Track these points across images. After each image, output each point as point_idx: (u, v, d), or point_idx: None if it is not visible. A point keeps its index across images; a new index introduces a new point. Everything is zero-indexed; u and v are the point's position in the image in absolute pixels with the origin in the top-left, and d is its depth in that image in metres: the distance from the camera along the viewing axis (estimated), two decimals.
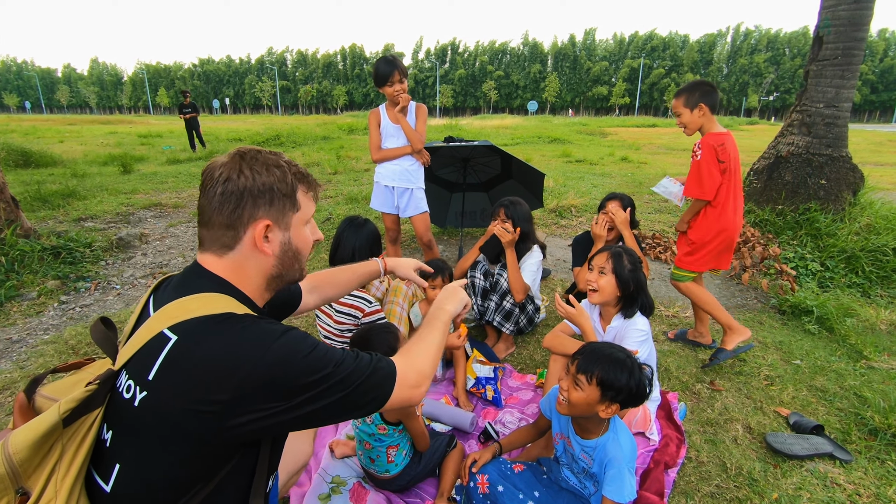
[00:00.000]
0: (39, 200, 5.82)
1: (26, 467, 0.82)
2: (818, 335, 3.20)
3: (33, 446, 0.82)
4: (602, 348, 1.58)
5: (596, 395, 1.51)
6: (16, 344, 2.97)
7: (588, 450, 1.62)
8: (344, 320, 2.31)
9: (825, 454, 2.09)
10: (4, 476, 0.81)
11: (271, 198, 0.99)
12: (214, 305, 0.91)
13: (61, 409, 0.83)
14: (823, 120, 4.92)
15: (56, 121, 30.50)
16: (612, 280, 2.10)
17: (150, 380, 0.84)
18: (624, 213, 2.76)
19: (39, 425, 0.82)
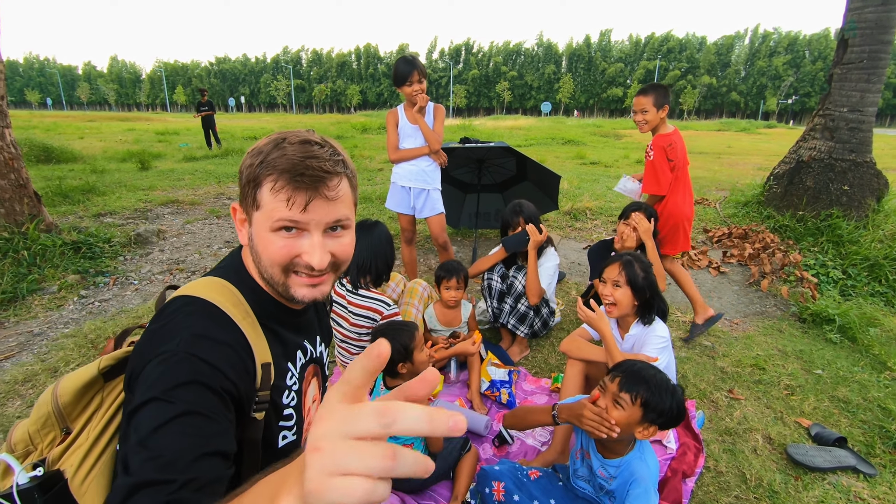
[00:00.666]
0: (60, 196, 5.91)
1: (69, 410, 0.90)
2: (840, 345, 3.13)
3: (76, 393, 0.90)
4: (644, 369, 1.52)
5: (637, 415, 1.47)
6: (37, 337, 3.02)
7: (609, 468, 1.59)
8: (361, 322, 2.31)
9: (848, 467, 2.04)
10: (51, 413, 0.90)
11: (241, 182, 0.91)
12: (203, 289, 0.91)
13: (101, 364, 0.92)
14: (847, 124, 4.82)
15: (76, 117, 31.06)
16: (628, 291, 2.06)
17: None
18: (647, 224, 2.72)
19: (82, 375, 0.91)
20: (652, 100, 3.01)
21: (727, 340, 3.13)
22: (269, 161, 0.85)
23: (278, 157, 0.85)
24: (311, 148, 0.86)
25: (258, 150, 0.88)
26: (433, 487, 1.91)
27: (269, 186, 0.85)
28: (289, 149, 0.85)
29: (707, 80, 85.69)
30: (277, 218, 0.85)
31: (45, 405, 0.91)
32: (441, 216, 3.41)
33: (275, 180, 0.84)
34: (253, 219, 0.90)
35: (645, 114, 3.05)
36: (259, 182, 0.86)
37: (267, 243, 0.88)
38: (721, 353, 2.97)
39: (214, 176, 8.34)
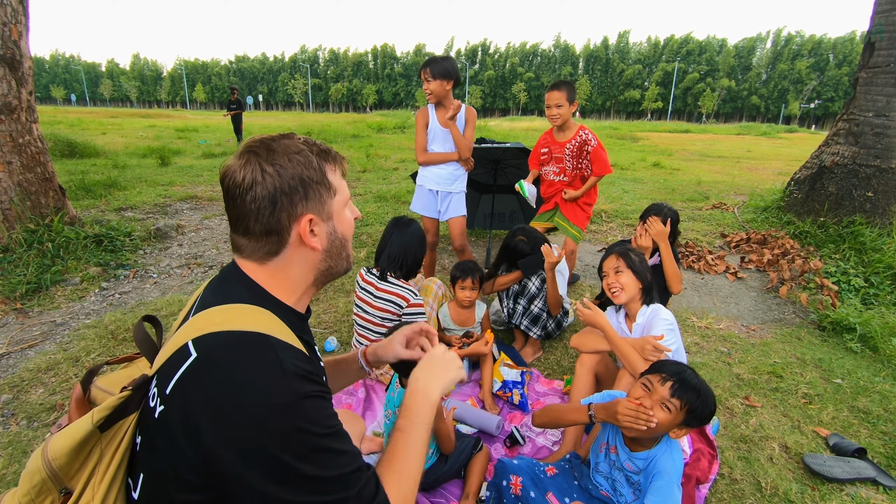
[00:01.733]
0: (83, 189, 6.05)
1: (66, 471, 0.84)
2: (861, 354, 3.06)
3: (71, 452, 0.83)
4: (692, 377, 1.53)
5: (680, 419, 1.49)
6: (59, 327, 3.10)
7: (637, 461, 1.59)
8: (386, 307, 2.40)
9: (867, 479, 2.00)
10: (46, 479, 0.83)
11: (305, 189, 0.90)
12: (243, 320, 0.84)
13: (94, 417, 0.84)
14: (872, 129, 4.71)
15: (99, 113, 31.73)
16: (631, 274, 2.18)
17: (167, 394, 0.80)
18: (661, 226, 2.70)
19: (76, 433, 0.83)
20: (566, 94, 3.20)
21: (744, 347, 3.09)
22: (317, 157, 0.94)
23: (319, 151, 0.96)
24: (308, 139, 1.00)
25: (290, 153, 0.90)
26: (444, 486, 1.92)
27: (330, 169, 0.96)
28: (313, 143, 0.96)
29: (726, 83, 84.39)
30: (347, 193, 1.01)
31: (37, 472, 0.83)
32: (462, 219, 3.40)
33: (332, 162, 0.97)
34: (332, 208, 0.96)
35: (560, 108, 3.21)
36: (324, 172, 0.94)
37: (348, 220, 1.02)
38: (737, 359, 2.93)
39: None
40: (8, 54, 3.61)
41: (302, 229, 0.91)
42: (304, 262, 0.96)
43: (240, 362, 0.78)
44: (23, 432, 2.14)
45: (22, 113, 3.76)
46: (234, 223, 0.91)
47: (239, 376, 0.77)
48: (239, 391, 0.76)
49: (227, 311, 0.86)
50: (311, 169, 0.91)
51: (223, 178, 0.90)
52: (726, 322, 3.45)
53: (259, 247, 0.91)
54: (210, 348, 0.80)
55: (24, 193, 3.80)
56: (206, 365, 0.79)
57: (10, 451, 2.02)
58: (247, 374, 0.77)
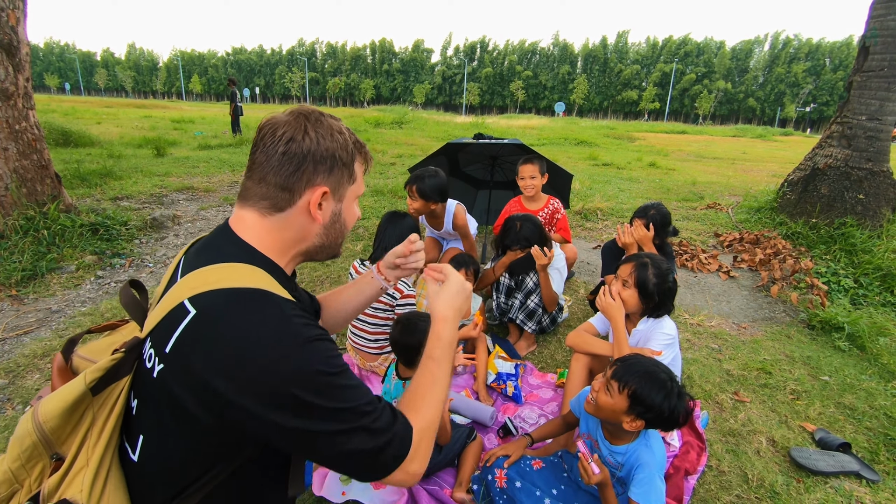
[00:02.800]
0: (78, 178, 6.02)
1: (58, 435, 0.82)
2: (848, 352, 3.12)
3: (62, 415, 0.81)
4: (645, 363, 1.54)
5: (623, 405, 1.49)
6: (55, 314, 3.10)
7: (616, 455, 1.62)
8: (381, 298, 2.40)
9: (851, 472, 2.05)
10: (37, 443, 0.81)
11: (332, 165, 0.96)
12: (240, 277, 0.85)
13: (87, 378, 0.82)
14: (865, 133, 4.77)
15: (94, 103, 31.45)
16: (635, 293, 2.09)
17: (166, 352, 0.79)
18: (643, 231, 2.73)
19: (68, 394, 0.81)
20: (538, 168, 3.45)
21: (734, 344, 3.14)
22: (356, 144, 1.02)
23: (356, 141, 1.03)
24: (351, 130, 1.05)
25: (334, 131, 0.97)
26: (438, 474, 1.95)
27: (359, 161, 1.04)
28: (353, 133, 1.03)
29: (722, 86, 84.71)
30: (362, 189, 1.08)
31: (27, 437, 0.81)
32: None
33: (362, 158, 1.05)
34: (346, 192, 1.02)
35: (533, 179, 3.45)
36: (354, 160, 1.01)
37: (354, 211, 1.08)
38: (728, 356, 2.98)
39: (228, 165, 8.43)
40: (5, 40, 3.58)
41: (314, 198, 0.95)
42: (302, 229, 0.99)
43: (243, 317, 0.79)
44: (19, 416, 2.15)
45: (19, 99, 3.74)
46: (253, 168, 0.94)
47: (244, 331, 0.78)
48: (247, 345, 0.77)
49: (222, 270, 0.86)
50: (345, 151, 0.98)
51: (264, 125, 0.94)
52: (718, 320, 3.50)
53: (268, 198, 0.94)
54: (209, 305, 0.80)
55: (21, 180, 3.78)
56: (208, 321, 0.79)
57: (6, 435, 2.03)
58: (252, 328, 0.78)
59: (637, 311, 2.15)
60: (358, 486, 1.82)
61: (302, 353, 0.80)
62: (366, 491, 1.81)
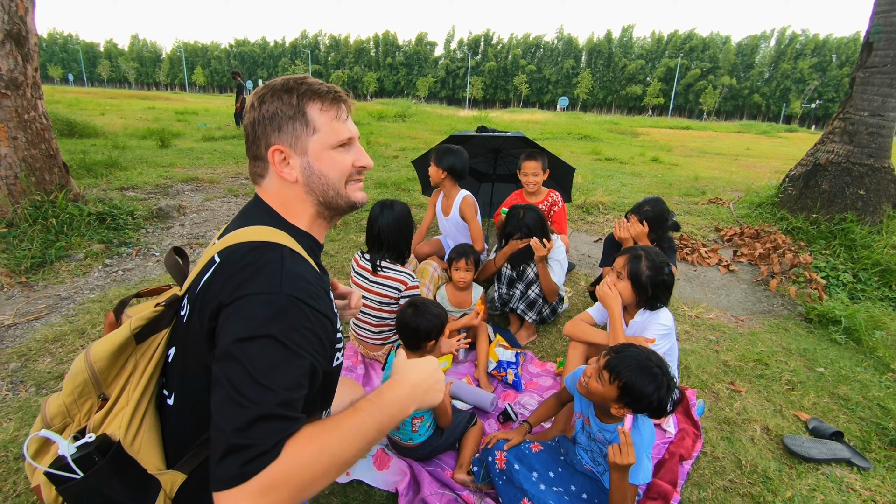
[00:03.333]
0: (84, 168, 6.06)
1: (105, 375, 0.94)
2: (845, 345, 3.16)
3: (111, 356, 0.93)
4: (637, 354, 1.56)
5: (613, 394, 1.54)
6: (64, 300, 3.16)
7: (606, 433, 1.68)
8: (385, 292, 2.44)
9: (843, 460, 2.10)
10: (88, 381, 0.93)
11: (278, 123, 0.98)
12: (259, 234, 0.94)
13: (132, 325, 0.95)
14: (867, 129, 4.78)
15: (97, 94, 31.44)
16: (628, 285, 2.14)
17: (196, 296, 0.91)
18: (639, 228, 2.79)
19: (115, 337, 0.94)
20: (541, 164, 3.50)
21: (732, 336, 3.18)
22: (305, 92, 1.00)
23: (313, 86, 1.00)
24: (314, 80, 1.04)
25: (278, 92, 0.99)
26: (440, 456, 2.01)
27: (316, 108, 1.00)
28: (311, 80, 1.02)
29: (727, 81, 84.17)
30: (344, 136, 1.03)
31: (80, 373, 0.93)
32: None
33: (321, 102, 1.00)
34: (309, 146, 1.01)
35: (536, 176, 3.51)
36: (303, 110, 0.99)
37: (333, 161, 1.04)
38: (725, 347, 3.03)
39: (232, 156, 8.46)
40: (15, 30, 3.62)
41: (270, 158, 1.00)
42: (288, 190, 1.04)
43: (253, 259, 0.89)
44: (32, 398, 2.21)
45: (28, 89, 3.79)
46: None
47: (248, 266, 0.87)
48: (244, 276, 0.86)
49: (248, 230, 0.96)
50: (287, 105, 0.98)
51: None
52: (716, 312, 3.55)
53: (253, 169, 1.05)
54: (231, 254, 0.91)
55: (29, 169, 3.83)
56: (226, 264, 0.90)
57: (20, 416, 2.09)
58: (255, 266, 0.87)
59: (632, 303, 2.19)
60: (361, 466, 1.88)
61: (276, 309, 0.83)
62: (369, 471, 1.87)
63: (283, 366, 0.80)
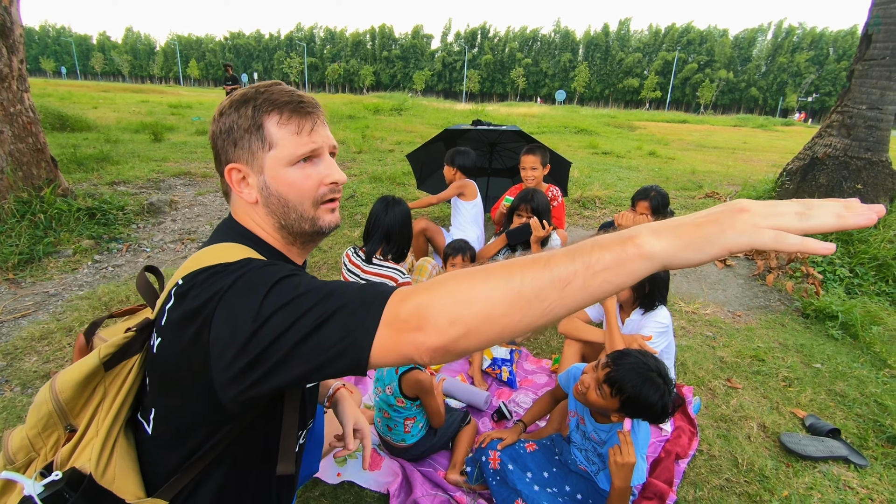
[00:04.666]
0: (75, 163, 5.98)
1: (72, 406, 0.86)
2: (841, 341, 3.14)
3: (77, 386, 0.85)
4: (637, 365, 1.51)
5: (614, 406, 1.52)
6: (52, 297, 3.11)
7: (601, 432, 1.65)
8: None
9: (840, 457, 2.08)
10: (53, 412, 0.86)
11: (234, 139, 0.90)
12: (224, 254, 0.84)
13: (101, 353, 0.86)
14: (865, 122, 4.75)
15: (90, 87, 31.11)
16: None
17: (162, 325, 0.82)
18: (646, 220, 2.78)
19: (83, 366, 0.85)
20: (540, 158, 3.45)
21: (728, 331, 3.16)
22: (262, 103, 0.89)
23: (271, 97, 0.89)
24: (289, 86, 0.93)
25: (237, 104, 0.90)
26: (433, 456, 1.98)
27: (274, 121, 0.89)
28: (274, 90, 0.91)
29: (723, 75, 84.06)
30: (301, 151, 0.90)
31: (44, 404, 0.86)
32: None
33: (279, 114, 0.89)
34: (265, 163, 0.90)
35: (534, 171, 3.45)
36: (260, 124, 0.89)
37: (293, 180, 0.91)
38: (722, 343, 3.00)
39: None
40: None
41: (227, 176, 0.93)
42: (253, 212, 0.95)
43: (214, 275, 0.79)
44: (17, 398, 2.16)
45: (13, 81, 3.71)
46: None
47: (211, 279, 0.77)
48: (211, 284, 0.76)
49: (212, 250, 0.87)
50: (243, 118, 0.89)
51: None
52: (713, 307, 3.52)
53: (222, 186, 0.98)
54: (191, 278, 0.81)
55: (16, 164, 3.76)
56: (187, 287, 0.80)
57: (4, 416, 2.05)
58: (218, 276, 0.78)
59: (629, 301, 2.16)
60: (353, 467, 1.85)
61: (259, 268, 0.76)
62: (360, 472, 1.83)
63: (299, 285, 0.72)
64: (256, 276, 0.74)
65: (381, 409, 1.90)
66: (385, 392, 1.87)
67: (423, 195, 5.76)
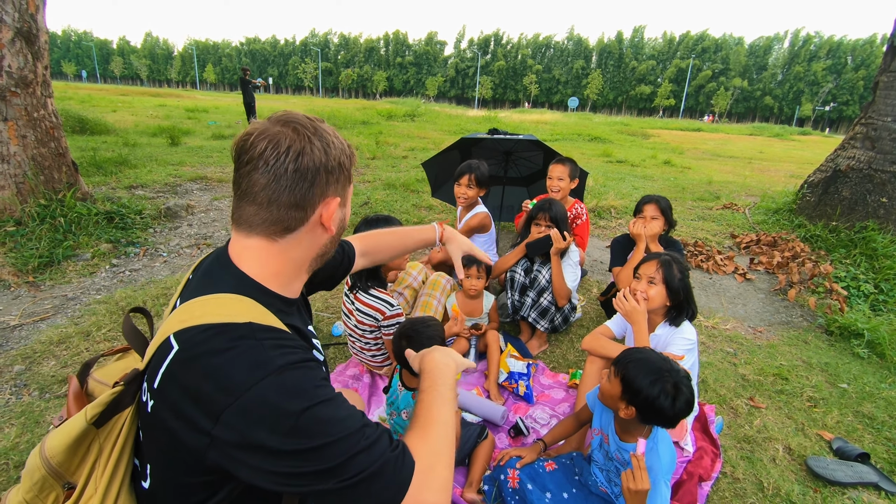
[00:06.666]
0: (94, 166, 6.07)
1: (66, 467, 0.85)
2: (868, 360, 3.06)
3: (67, 450, 0.83)
4: (648, 353, 1.55)
5: (617, 390, 1.52)
6: (71, 301, 3.13)
7: (625, 452, 1.60)
8: (364, 320, 2.29)
9: (870, 484, 2.00)
10: (46, 476, 0.84)
11: (340, 173, 0.92)
12: (224, 311, 0.82)
13: (88, 414, 0.84)
14: (890, 135, 4.65)
15: (110, 91, 31.72)
16: (663, 290, 2.06)
17: (155, 388, 0.80)
18: (659, 228, 2.81)
19: (71, 429, 0.84)
20: (568, 171, 3.34)
21: (750, 348, 3.09)
22: (349, 146, 0.97)
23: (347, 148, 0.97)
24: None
25: (332, 138, 0.92)
26: None
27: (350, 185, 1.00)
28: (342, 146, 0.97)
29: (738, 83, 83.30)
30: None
31: (36, 471, 0.84)
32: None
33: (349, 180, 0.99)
34: (348, 196, 0.99)
35: (561, 181, 3.34)
36: (352, 163, 0.97)
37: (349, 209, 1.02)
38: (743, 360, 2.93)
39: None
40: (25, 27, 3.60)
41: (328, 210, 0.92)
42: (312, 244, 0.95)
43: (219, 350, 0.77)
44: (35, 402, 2.17)
45: (37, 87, 3.77)
46: (255, 191, 0.85)
47: (218, 363, 0.76)
48: (219, 375, 0.75)
49: (208, 303, 0.84)
50: (346, 156, 0.94)
51: (257, 141, 0.84)
52: (733, 323, 3.45)
53: (280, 221, 0.87)
54: (189, 341, 0.79)
55: (38, 168, 3.81)
56: (187, 357, 0.77)
57: (22, 421, 2.05)
58: (225, 360, 0.76)
59: (660, 312, 2.12)
60: None
61: (274, 383, 0.75)
62: None
63: (328, 422, 0.78)
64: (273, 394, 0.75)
65: (396, 431, 1.87)
66: (401, 416, 1.84)
67: (436, 203, 5.74)
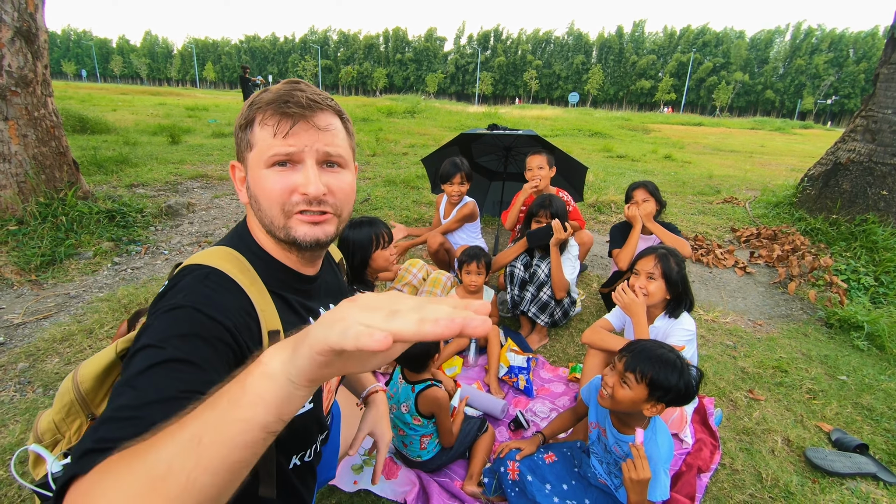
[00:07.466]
0: (95, 165, 6.07)
1: (92, 397, 0.91)
2: (867, 352, 3.06)
3: (96, 378, 0.90)
4: (651, 347, 1.55)
5: (644, 394, 1.50)
6: (73, 299, 3.15)
7: (622, 444, 1.62)
8: None
9: (868, 474, 2.02)
10: (75, 401, 0.90)
11: (237, 137, 0.90)
12: (206, 257, 0.88)
13: (118, 347, 0.92)
14: (891, 127, 4.64)
15: (110, 90, 31.68)
16: (662, 284, 2.09)
17: None
18: (652, 207, 2.92)
19: (101, 359, 0.91)
20: (547, 161, 3.37)
21: (749, 341, 3.09)
22: (257, 101, 0.86)
23: (266, 95, 0.86)
24: (297, 84, 0.87)
25: (248, 101, 0.90)
26: (450, 466, 1.96)
27: (258, 121, 0.85)
28: (276, 88, 0.87)
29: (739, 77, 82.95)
30: (272, 152, 0.83)
31: (67, 393, 0.90)
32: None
33: (263, 113, 0.84)
34: (249, 162, 0.88)
35: (541, 170, 3.34)
36: (252, 122, 0.86)
37: (263, 182, 0.85)
38: (743, 353, 2.94)
39: None
40: (24, 27, 3.61)
41: (230, 173, 0.96)
42: (249, 211, 0.95)
43: (176, 284, 0.83)
44: (39, 399, 2.19)
45: (37, 86, 3.77)
46: None
47: (167, 290, 0.82)
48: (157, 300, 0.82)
49: (203, 253, 0.91)
50: (241, 116, 0.88)
51: None
52: (733, 316, 3.46)
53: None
54: (172, 279, 0.86)
55: (39, 167, 3.83)
56: (162, 291, 0.84)
57: (26, 418, 2.07)
58: (171, 290, 0.82)
59: (659, 305, 2.14)
60: (369, 476, 1.84)
61: (175, 311, 0.77)
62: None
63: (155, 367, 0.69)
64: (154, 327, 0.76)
65: (395, 426, 1.88)
66: (400, 410, 1.86)
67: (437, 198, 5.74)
